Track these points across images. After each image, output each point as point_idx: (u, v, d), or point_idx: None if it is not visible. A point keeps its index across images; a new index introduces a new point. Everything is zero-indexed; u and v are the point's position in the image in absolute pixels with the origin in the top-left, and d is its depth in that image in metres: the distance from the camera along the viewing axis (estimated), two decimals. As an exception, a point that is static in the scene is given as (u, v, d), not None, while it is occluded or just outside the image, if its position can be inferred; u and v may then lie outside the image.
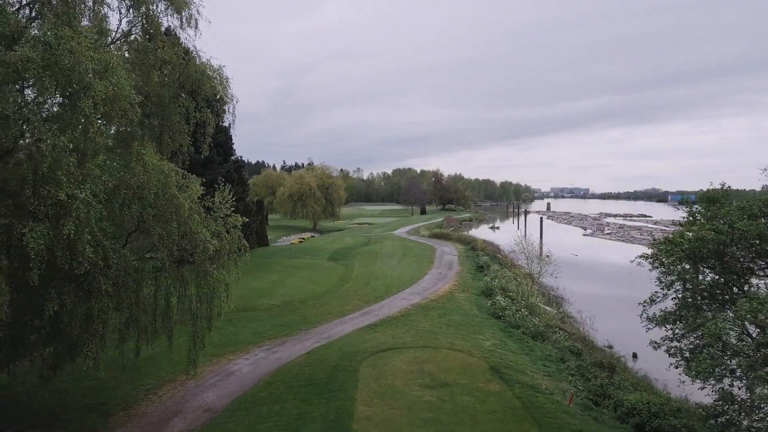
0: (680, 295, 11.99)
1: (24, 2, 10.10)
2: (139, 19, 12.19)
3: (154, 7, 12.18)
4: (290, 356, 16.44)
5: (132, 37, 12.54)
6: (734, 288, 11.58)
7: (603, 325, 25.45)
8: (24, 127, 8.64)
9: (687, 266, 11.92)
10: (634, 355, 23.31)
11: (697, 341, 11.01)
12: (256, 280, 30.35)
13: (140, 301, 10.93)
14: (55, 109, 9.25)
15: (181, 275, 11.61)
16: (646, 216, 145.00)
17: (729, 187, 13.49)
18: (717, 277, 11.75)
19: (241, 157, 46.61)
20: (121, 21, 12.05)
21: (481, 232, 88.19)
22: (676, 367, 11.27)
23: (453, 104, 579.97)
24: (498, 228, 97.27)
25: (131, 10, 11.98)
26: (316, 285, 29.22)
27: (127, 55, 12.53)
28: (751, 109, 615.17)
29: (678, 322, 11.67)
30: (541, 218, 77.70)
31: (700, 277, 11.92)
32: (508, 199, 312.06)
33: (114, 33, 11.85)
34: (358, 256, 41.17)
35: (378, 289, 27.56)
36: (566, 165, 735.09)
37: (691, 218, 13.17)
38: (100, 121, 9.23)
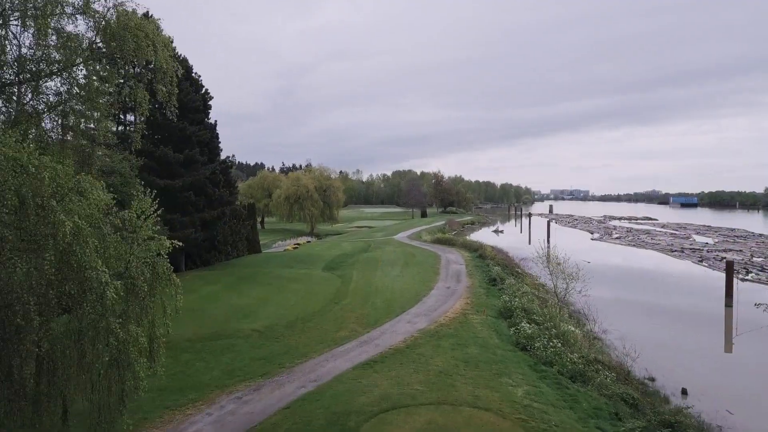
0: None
1: None
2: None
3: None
4: (265, 411, 12.58)
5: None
6: None
7: (634, 344, 21.65)
8: None
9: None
10: (684, 392, 19.49)
11: None
12: (240, 296, 26.51)
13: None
14: None
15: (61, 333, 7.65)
16: (651, 219, 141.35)
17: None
18: None
19: (230, 157, 42.75)
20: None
21: (485, 236, 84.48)
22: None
23: (453, 104, 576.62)
24: (502, 232, 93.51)
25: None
26: (308, 302, 25.37)
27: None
28: (751, 109, 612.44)
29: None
30: (549, 222, 73.89)
31: None
32: (509, 201, 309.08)
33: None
34: (356, 265, 37.36)
35: (378, 308, 23.72)
36: (566, 166, 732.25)
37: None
38: None
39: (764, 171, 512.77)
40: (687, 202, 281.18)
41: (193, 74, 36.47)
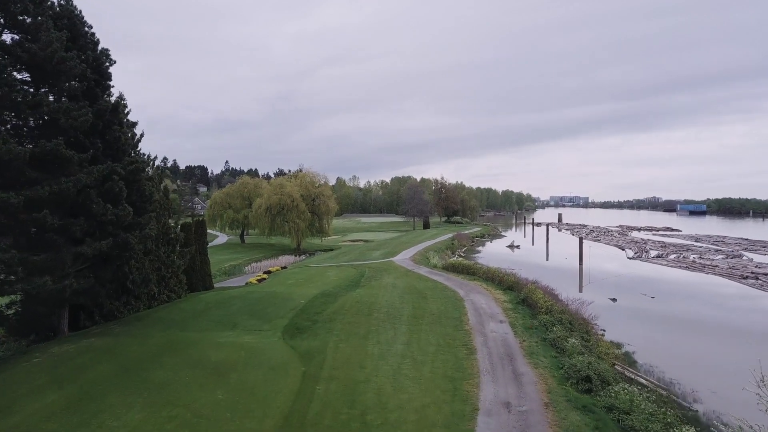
0: None
1: None
2: None
3: None
4: None
5: None
6: None
7: None
8: None
9: None
10: None
11: None
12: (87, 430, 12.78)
13: None
14: None
15: None
16: (673, 229, 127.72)
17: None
18: None
19: (148, 155, 29.04)
20: None
21: (501, 253, 70.79)
22: None
23: (454, 110, 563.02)
24: (518, 247, 79.75)
25: None
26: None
27: None
28: (751, 115, 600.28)
29: None
30: (581, 239, 60.23)
31: None
32: (511, 208, 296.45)
33: None
34: (337, 322, 23.63)
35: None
36: (564, 172, 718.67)
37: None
38: None
39: (764, 178, 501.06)
40: (696, 209, 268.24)
41: (86, 29, 22.94)
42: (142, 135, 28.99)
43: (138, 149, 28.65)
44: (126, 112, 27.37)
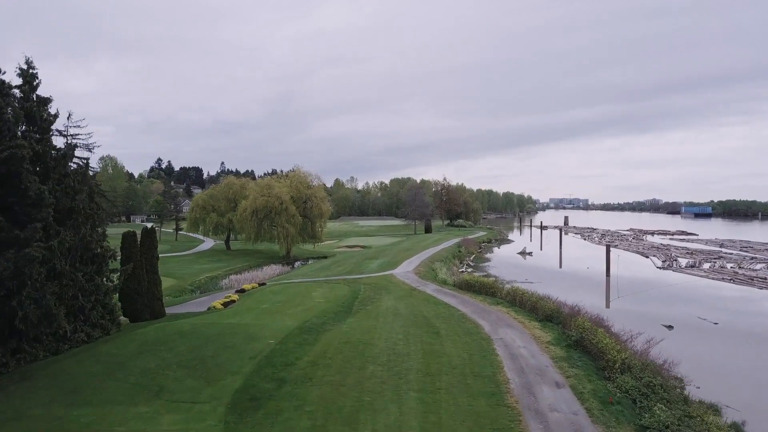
0: None
1: None
2: None
3: None
4: None
5: None
6: None
7: None
8: None
9: None
10: None
11: None
12: None
13: None
14: None
15: None
16: (688, 233, 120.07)
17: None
18: None
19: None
20: None
21: (512, 261, 63.15)
22: None
23: (454, 111, 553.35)
24: (530, 254, 72.00)
25: None
26: None
27: None
28: (752, 117, 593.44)
29: None
30: (608, 246, 52.52)
31: None
32: (512, 210, 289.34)
33: None
34: (312, 383, 15.82)
35: None
36: (563, 174, 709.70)
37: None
38: None
39: (764, 180, 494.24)
40: (701, 211, 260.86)
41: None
42: (56, 115, 21.31)
43: (50, 133, 20.99)
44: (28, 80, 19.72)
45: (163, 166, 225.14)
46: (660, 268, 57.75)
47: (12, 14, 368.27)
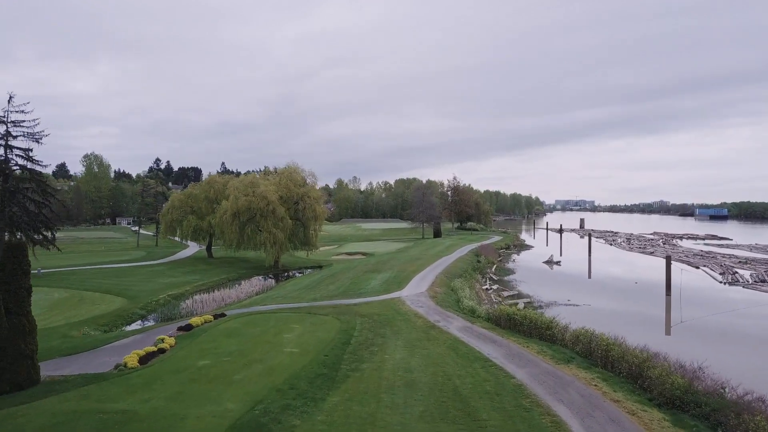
0: None
1: None
2: None
3: None
4: None
5: None
6: None
7: None
8: None
9: None
10: None
11: None
12: None
13: None
14: None
15: None
16: (720, 237, 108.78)
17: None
18: None
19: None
20: None
21: (539, 270, 52.54)
22: None
23: (458, 113, 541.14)
24: (558, 263, 61.32)
25: None
26: None
27: None
28: (758, 118, 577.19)
29: None
30: (668, 257, 41.82)
31: None
32: (520, 212, 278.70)
33: None
34: None
35: None
36: (568, 176, 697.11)
37: None
38: None
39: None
40: (717, 213, 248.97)
41: None
42: None
43: None
44: None
45: (162, 167, 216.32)
46: (726, 283, 46.95)
47: (12, 14, 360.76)
